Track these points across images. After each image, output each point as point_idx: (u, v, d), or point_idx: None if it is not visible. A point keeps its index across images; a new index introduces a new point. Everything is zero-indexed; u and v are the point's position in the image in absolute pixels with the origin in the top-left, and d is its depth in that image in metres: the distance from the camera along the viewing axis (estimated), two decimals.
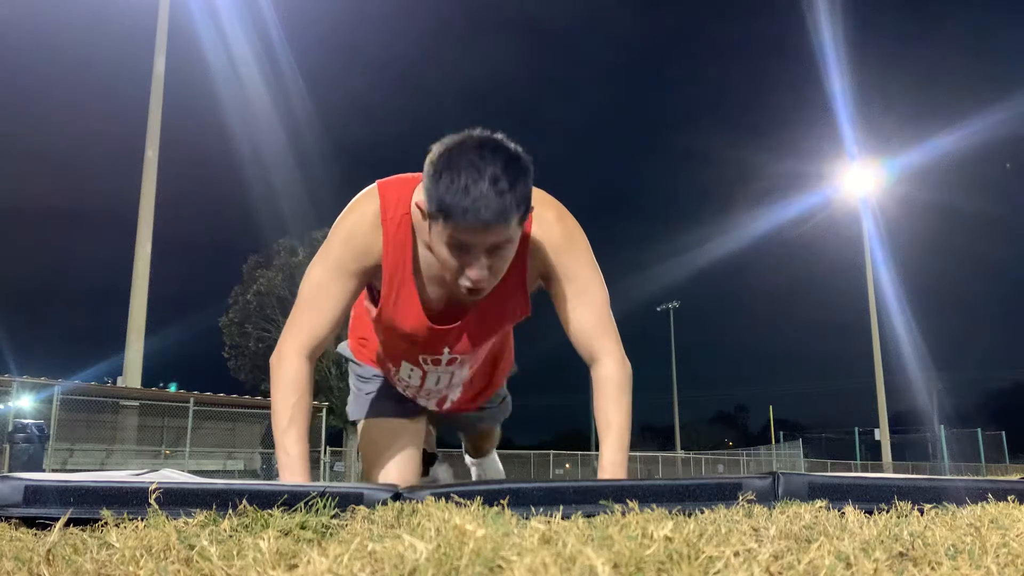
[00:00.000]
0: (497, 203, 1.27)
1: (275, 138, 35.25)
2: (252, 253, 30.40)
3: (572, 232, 1.55)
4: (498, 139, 1.34)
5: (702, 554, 0.66)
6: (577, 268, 1.54)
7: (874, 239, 33.24)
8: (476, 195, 1.26)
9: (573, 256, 1.54)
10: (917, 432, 38.59)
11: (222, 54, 24.18)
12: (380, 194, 1.51)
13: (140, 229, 18.32)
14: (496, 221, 1.28)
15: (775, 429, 39.74)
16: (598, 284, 1.57)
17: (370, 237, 1.49)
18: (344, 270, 1.51)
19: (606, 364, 1.54)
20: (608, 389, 1.53)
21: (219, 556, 0.73)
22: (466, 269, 1.36)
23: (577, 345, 1.58)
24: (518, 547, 0.65)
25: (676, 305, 49.44)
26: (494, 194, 1.26)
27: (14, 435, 11.76)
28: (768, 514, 1.07)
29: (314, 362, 1.57)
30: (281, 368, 1.53)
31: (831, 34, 39.05)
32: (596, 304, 1.56)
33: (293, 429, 1.47)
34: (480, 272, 1.35)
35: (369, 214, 1.50)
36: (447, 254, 1.35)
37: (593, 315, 1.55)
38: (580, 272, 1.55)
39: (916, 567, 0.72)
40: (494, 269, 1.38)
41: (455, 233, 1.31)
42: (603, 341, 1.55)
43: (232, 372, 30.09)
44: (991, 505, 1.15)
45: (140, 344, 17.83)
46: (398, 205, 1.49)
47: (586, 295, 1.55)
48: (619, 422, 1.52)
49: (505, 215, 1.28)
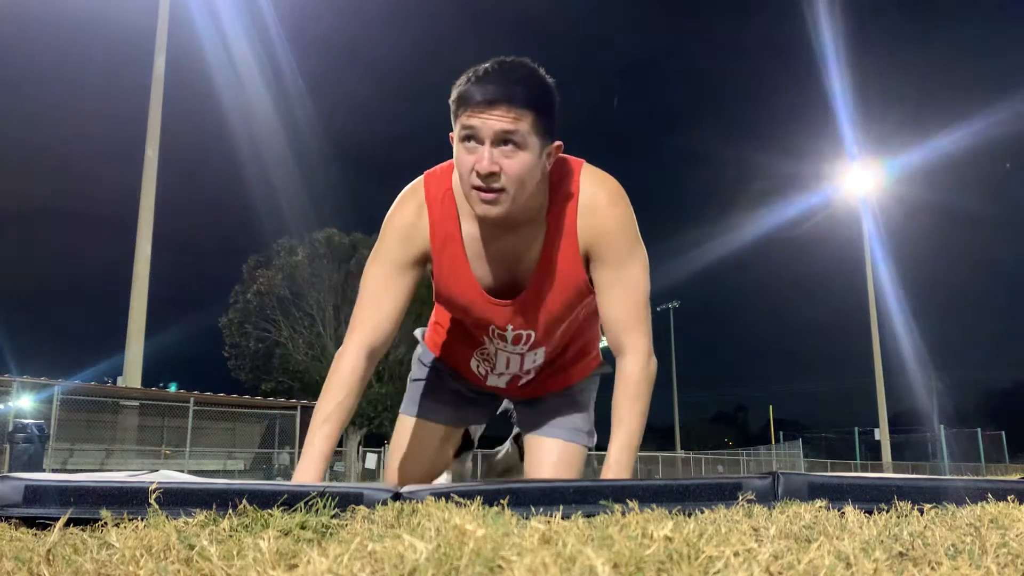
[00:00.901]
0: (505, 87, 1.32)
1: (275, 138, 35.25)
2: (252, 253, 30.39)
3: (623, 215, 1.53)
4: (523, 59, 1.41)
5: (702, 554, 0.66)
6: (623, 255, 1.53)
7: (874, 239, 33.27)
8: (486, 80, 1.33)
9: (620, 242, 1.52)
10: (917, 432, 38.58)
11: (222, 54, 24.19)
12: (424, 179, 1.56)
13: (140, 229, 18.32)
14: (502, 100, 1.32)
15: (775, 429, 39.77)
16: (641, 276, 1.55)
17: (417, 224, 1.53)
18: (398, 263, 1.54)
19: (630, 361, 1.54)
20: (628, 387, 1.53)
21: (219, 556, 0.73)
22: (476, 163, 1.36)
23: (607, 333, 1.58)
24: (518, 547, 0.65)
25: (676, 305, 49.51)
26: (503, 80, 1.33)
27: (14, 435, 11.76)
28: (768, 514, 1.07)
29: (375, 360, 1.57)
30: (339, 365, 1.52)
31: (831, 34, 39.07)
32: (634, 296, 1.54)
33: (327, 426, 1.47)
34: (489, 163, 1.34)
35: (413, 201, 1.55)
36: (462, 152, 1.38)
37: (630, 307, 1.54)
38: (625, 260, 1.53)
39: (916, 567, 0.72)
40: (505, 168, 1.36)
41: (464, 119, 1.35)
42: (634, 336, 1.54)
43: (232, 372, 30.11)
44: (991, 505, 1.15)
45: (140, 344, 17.83)
46: (441, 182, 1.54)
47: (627, 285, 1.53)
48: (630, 422, 1.52)
49: (511, 98, 1.32)
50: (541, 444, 1.89)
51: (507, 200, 1.40)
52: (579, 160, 1.56)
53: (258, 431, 19.29)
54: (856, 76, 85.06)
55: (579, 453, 1.90)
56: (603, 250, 1.52)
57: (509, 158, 1.36)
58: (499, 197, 1.39)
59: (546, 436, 1.88)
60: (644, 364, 1.54)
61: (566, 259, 1.54)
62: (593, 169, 1.56)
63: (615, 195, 1.54)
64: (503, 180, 1.37)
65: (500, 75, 1.35)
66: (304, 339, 28.88)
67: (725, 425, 75.09)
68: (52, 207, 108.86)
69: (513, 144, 1.36)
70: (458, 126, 1.38)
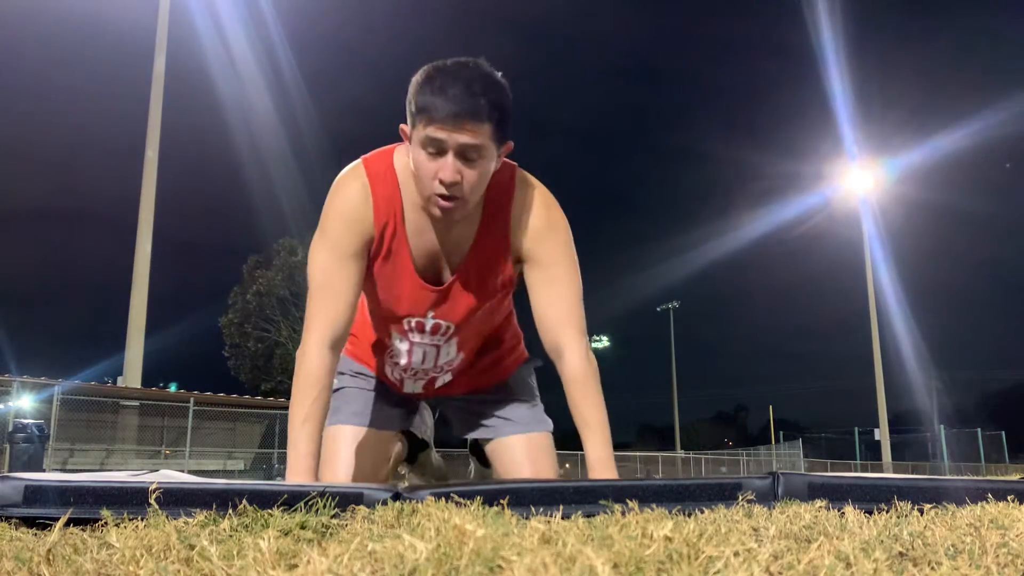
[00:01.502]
0: (470, 101, 1.36)
1: (275, 138, 35.26)
2: (252, 253, 30.40)
3: (556, 220, 1.60)
4: (478, 60, 1.44)
5: (702, 554, 0.66)
6: (555, 256, 1.58)
7: (874, 239, 33.26)
8: (451, 94, 1.36)
9: (553, 243, 1.59)
10: (917, 432, 38.61)
11: (222, 54, 24.19)
12: (364, 164, 1.57)
13: (140, 229, 18.31)
14: (467, 116, 1.36)
15: (775, 429, 39.78)
16: (573, 276, 1.60)
17: (362, 208, 1.54)
18: (347, 249, 1.54)
19: (572, 360, 1.56)
20: (579, 385, 1.55)
21: (219, 556, 0.73)
22: (439, 172, 1.40)
23: (542, 333, 1.60)
24: (518, 547, 0.65)
25: (676, 305, 49.50)
26: (467, 94, 1.36)
27: (14, 435, 11.74)
28: (768, 514, 1.07)
29: (339, 352, 1.57)
30: (303, 363, 1.52)
31: (831, 34, 39.07)
32: (568, 296, 1.58)
33: (308, 425, 1.47)
34: (452, 174, 1.39)
35: (356, 185, 1.55)
36: (424, 158, 1.41)
37: (564, 306, 1.58)
38: (557, 261, 1.58)
39: (916, 567, 0.72)
40: (466, 177, 1.41)
41: (430, 131, 1.38)
42: (571, 332, 1.57)
43: (232, 372, 30.12)
44: (991, 505, 1.15)
45: (140, 344, 17.83)
46: (380, 167, 1.56)
47: (560, 285, 1.58)
48: (597, 419, 1.54)
49: (476, 113, 1.36)
50: (507, 445, 1.86)
51: (464, 205, 1.46)
52: (512, 162, 1.61)
53: (258, 431, 19.29)
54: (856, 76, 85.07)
55: (547, 439, 1.89)
56: (538, 250, 1.58)
57: (470, 168, 1.42)
58: (457, 203, 1.45)
59: (507, 436, 1.86)
60: (586, 359, 1.56)
61: (496, 252, 1.59)
62: (525, 173, 1.62)
63: (549, 199, 1.61)
64: (463, 188, 1.43)
65: (464, 87, 1.37)
66: None
67: (725, 425, 75.06)
68: (52, 207, 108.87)
69: (475, 154, 1.41)
70: (421, 134, 1.40)
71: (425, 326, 1.68)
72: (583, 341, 1.58)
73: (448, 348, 1.75)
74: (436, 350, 1.74)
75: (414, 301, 1.64)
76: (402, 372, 1.82)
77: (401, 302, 1.65)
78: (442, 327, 1.69)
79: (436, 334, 1.70)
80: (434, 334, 1.70)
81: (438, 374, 1.82)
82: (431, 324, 1.68)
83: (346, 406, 1.87)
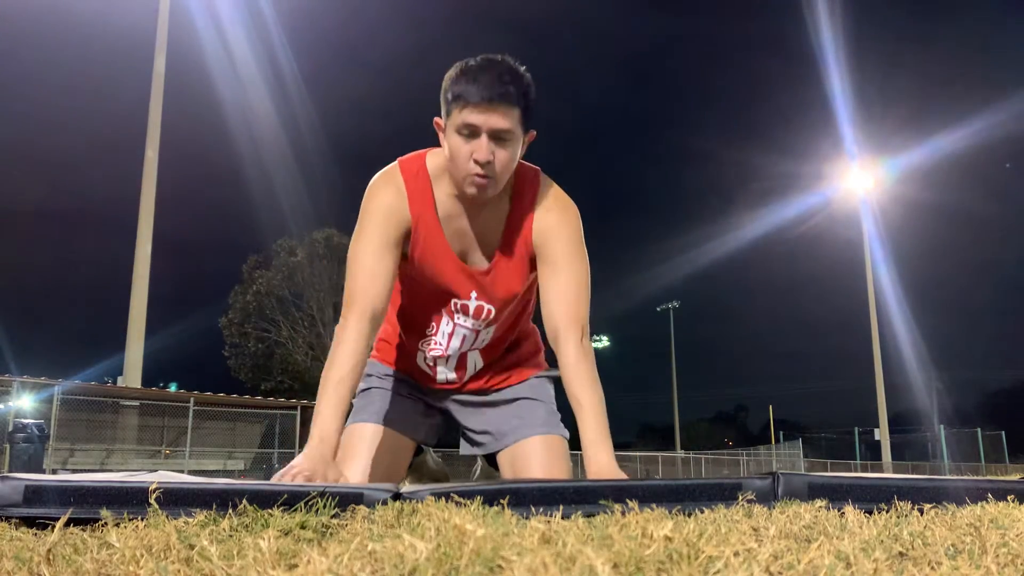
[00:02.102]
0: (500, 87, 1.51)
1: (275, 138, 35.22)
2: (252, 253, 30.42)
3: (571, 217, 1.72)
4: (504, 56, 1.58)
5: (702, 554, 0.66)
6: (566, 250, 1.69)
7: (874, 239, 33.27)
8: (484, 81, 1.51)
9: (566, 238, 1.70)
10: (917, 432, 38.60)
11: (222, 54, 24.19)
12: (399, 165, 1.71)
13: (140, 229, 18.32)
14: (499, 100, 1.50)
15: (775, 429, 39.80)
16: (581, 271, 1.70)
17: (398, 202, 1.67)
18: (385, 240, 1.65)
19: (567, 348, 1.63)
20: (574, 369, 1.62)
21: (219, 556, 0.73)
22: (474, 153, 1.53)
23: (546, 321, 1.69)
24: (518, 547, 0.65)
25: (676, 305, 49.52)
26: (499, 82, 1.51)
27: (14, 435, 11.75)
28: (768, 514, 1.07)
29: (376, 330, 1.64)
30: (344, 332, 1.60)
31: (831, 34, 39.08)
32: (573, 289, 1.68)
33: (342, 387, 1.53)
34: (487, 154, 1.53)
35: (392, 183, 1.68)
36: (459, 142, 1.55)
37: (568, 298, 1.67)
38: (567, 255, 1.69)
39: (916, 567, 0.72)
40: (498, 158, 1.55)
41: (465, 115, 1.51)
42: (569, 324, 1.65)
43: (232, 372, 30.13)
44: (991, 505, 1.15)
45: (140, 344, 17.83)
46: (414, 166, 1.70)
47: (566, 277, 1.68)
48: (589, 399, 1.60)
49: (507, 98, 1.51)
50: (521, 448, 1.87)
51: (495, 185, 1.59)
52: (535, 166, 1.75)
53: (258, 431, 19.28)
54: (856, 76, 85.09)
55: (562, 443, 1.90)
56: (553, 244, 1.69)
57: (501, 150, 1.55)
58: (490, 182, 1.57)
59: (523, 439, 1.87)
60: (580, 344, 1.64)
61: (523, 240, 1.71)
62: (548, 177, 1.76)
63: (568, 202, 1.74)
64: (495, 168, 1.56)
65: (495, 75, 1.52)
66: (304, 339, 28.90)
67: (725, 425, 75.02)
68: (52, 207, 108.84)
69: (506, 137, 1.54)
70: (457, 120, 1.53)
71: (469, 308, 1.78)
72: (586, 337, 1.66)
73: (485, 335, 1.84)
74: (475, 335, 1.83)
75: (458, 283, 1.74)
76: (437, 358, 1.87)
77: (446, 284, 1.74)
78: (484, 310, 1.78)
79: (479, 318, 1.79)
80: (477, 317, 1.79)
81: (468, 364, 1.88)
82: (474, 306, 1.78)
83: (370, 406, 1.90)
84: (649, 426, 72.92)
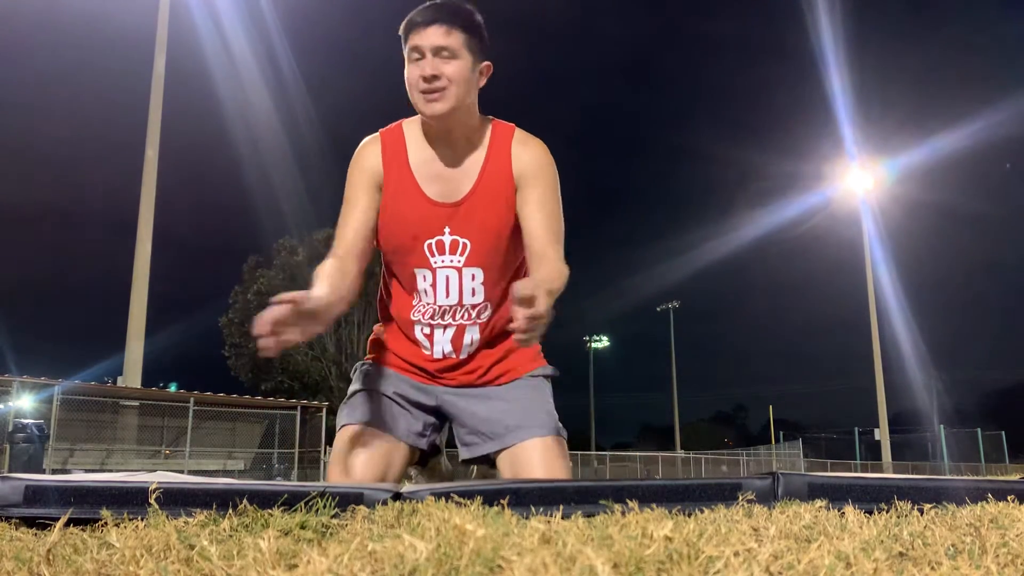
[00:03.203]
0: (439, 11, 1.68)
1: (275, 138, 35.23)
2: (252, 253, 30.44)
3: (550, 162, 1.85)
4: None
5: (702, 554, 0.66)
6: (547, 187, 1.81)
7: (874, 239, 33.28)
8: (424, 10, 1.69)
9: (547, 177, 1.82)
10: (917, 432, 38.60)
11: (222, 54, 24.18)
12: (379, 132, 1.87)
13: (140, 229, 18.32)
14: (438, 21, 1.66)
15: (775, 429, 39.81)
16: (558, 210, 1.82)
17: (373, 155, 1.83)
18: (358, 186, 1.82)
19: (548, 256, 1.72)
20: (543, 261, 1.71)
21: (219, 556, 0.73)
22: (420, 71, 1.68)
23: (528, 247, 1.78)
24: (518, 547, 0.65)
25: (676, 305, 49.57)
26: (439, 10, 1.68)
27: (14, 435, 11.77)
28: (768, 514, 1.07)
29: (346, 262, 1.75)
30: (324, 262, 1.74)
31: (831, 33, 39.08)
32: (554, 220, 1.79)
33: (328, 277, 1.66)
34: (431, 69, 1.67)
35: (369, 144, 1.85)
36: (411, 69, 1.71)
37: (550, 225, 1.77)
38: (548, 192, 1.81)
39: (916, 567, 0.72)
40: (445, 72, 1.68)
41: (411, 43, 1.69)
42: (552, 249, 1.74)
43: (232, 372, 30.13)
44: (991, 505, 1.15)
45: (140, 344, 17.84)
46: (390, 125, 1.87)
47: (549, 210, 1.79)
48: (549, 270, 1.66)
49: (445, 18, 1.67)
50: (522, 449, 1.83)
51: (450, 97, 1.70)
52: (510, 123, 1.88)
53: (258, 431, 19.28)
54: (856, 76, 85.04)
55: (562, 443, 1.87)
56: (532, 180, 1.80)
57: (447, 64, 1.68)
58: (442, 95, 1.69)
59: (523, 440, 1.83)
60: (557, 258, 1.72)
61: (502, 177, 1.81)
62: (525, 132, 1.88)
63: (544, 147, 1.86)
64: (443, 81, 1.68)
65: (437, 7, 1.69)
66: None
67: (725, 425, 75.07)
68: (52, 207, 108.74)
69: (449, 53, 1.68)
70: (407, 49, 1.70)
71: (444, 244, 1.82)
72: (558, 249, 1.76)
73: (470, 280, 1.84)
74: (458, 275, 1.84)
75: (429, 220, 1.81)
76: (431, 320, 1.87)
77: (417, 224, 1.82)
78: (460, 244, 1.82)
79: (455, 253, 1.83)
80: (452, 252, 1.83)
81: (466, 322, 1.87)
82: (449, 240, 1.82)
83: (363, 406, 1.88)
84: (649, 426, 73.01)
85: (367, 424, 1.85)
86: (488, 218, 1.81)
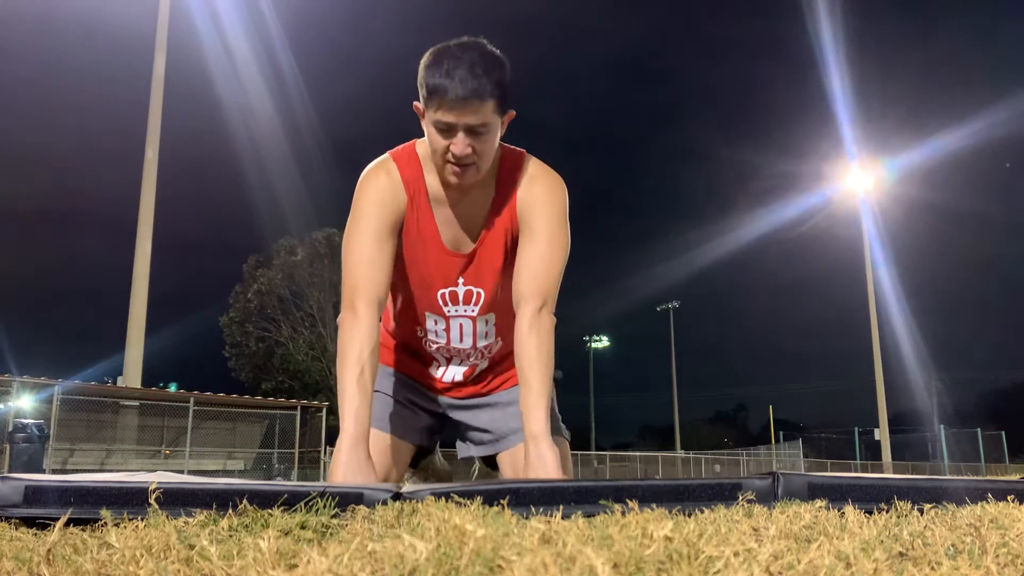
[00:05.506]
0: (473, 82, 1.50)
1: (275, 138, 35.21)
2: (252, 253, 30.43)
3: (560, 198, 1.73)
4: (478, 40, 1.58)
5: (702, 554, 0.66)
6: (548, 225, 1.70)
7: (874, 239, 33.28)
8: (457, 77, 1.50)
9: (552, 215, 1.71)
10: (917, 432, 38.61)
11: (222, 54, 24.18)
12: (390, 154, 1.74)
13: (140, 229, 18.31)
14: (472, 97, 1.50)
15: (775, 429, 39.81)
16: (559, 248, 1.70)
17: (392, 189, 1.69)
18: (383, 228, 1.67)
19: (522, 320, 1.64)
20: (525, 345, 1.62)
21: (219, 556, 0.73)
22: (451, 148, 1.56)
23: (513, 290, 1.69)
24: (518, 547, 0.65)
25: (676, 305, 49.58)
26: (471, 76, 1.50)
27: (14, 435, 11.76)
28: (768, 514, 1.07)
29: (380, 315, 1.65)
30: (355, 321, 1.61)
31: (831, 33, 39.07)
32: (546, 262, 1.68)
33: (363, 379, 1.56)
34: (463, 148, 1.55)
35: (383, 170, 1.71)
36: (436, 136, 1.57)
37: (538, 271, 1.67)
38: (549, 229, 1.70)
39: (916, 567, 0.72)
40: (476, 150, 1.57)
41: (440, 115, 1.53)
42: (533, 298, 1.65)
43: (232, 372, 30.14)
44: (991, 505, 1.15)
45: (140, 344, 17.83)
46: (404, 152, 1.73)
47: (543, 251, 1.69)
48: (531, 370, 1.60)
49: (479, 93, 1.51)
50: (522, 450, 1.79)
51: (476, 173, 1.62)
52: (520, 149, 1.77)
53: (258, 431, 19.27)
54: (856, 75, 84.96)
55: (564, 446, 1.89)
56: (533, 215, 1.70)
57: (479, 142, 1.56)
58: (469, 170, 1.60)
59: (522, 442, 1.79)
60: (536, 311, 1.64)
61: (508, 217, 1.72)
62: (534, 157, 1.78)
63: (554, 176, 1.75)
64: (473, 158, 1.58)
65: (467, 69, 1.50)
66: (304, 339, 28.90)
67: (725, 425, 74.98)
68: (52, 207, 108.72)
69: (482, 131, 1.55)
70: (433, 117, 1.54)
71: (458, 295, 1.78)
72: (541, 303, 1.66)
73: (483, 325, 1.81)
74: (472, 324, 1.81)
75: (445, 269, 1.75)
76: (445, 353, 1.86)
77: (432, 272, 1.75)
78: (474, 294, 1.78)
79: (469, 303, 1.79)
80: (467, 303, 1.78)
81: (479, 361, 1.87)
82: (463, 292, 1.77)
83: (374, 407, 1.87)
84: (649, 426, 72.93)
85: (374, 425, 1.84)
86: (496, 261, 1.75)
